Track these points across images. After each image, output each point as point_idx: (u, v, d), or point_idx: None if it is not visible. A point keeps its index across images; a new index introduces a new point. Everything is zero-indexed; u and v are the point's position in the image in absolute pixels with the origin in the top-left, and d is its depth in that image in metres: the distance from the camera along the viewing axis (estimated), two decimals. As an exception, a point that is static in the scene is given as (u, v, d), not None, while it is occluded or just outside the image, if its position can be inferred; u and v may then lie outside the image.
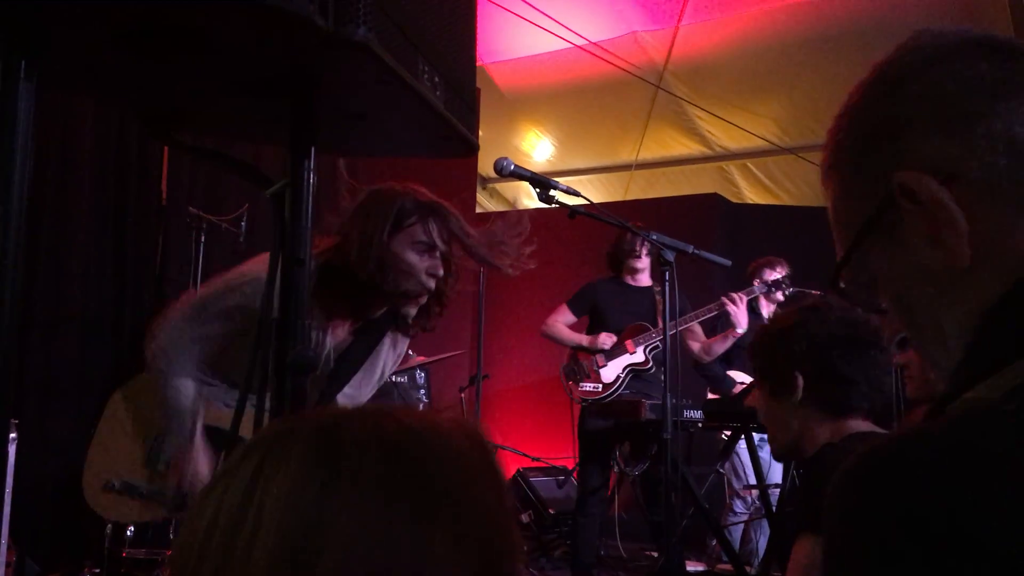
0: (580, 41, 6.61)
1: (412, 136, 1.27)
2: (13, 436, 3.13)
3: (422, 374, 5.68)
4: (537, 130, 8.46)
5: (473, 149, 1.27)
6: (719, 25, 6.56)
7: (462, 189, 7.31)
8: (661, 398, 3.32)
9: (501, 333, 7.08)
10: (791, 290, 4.91)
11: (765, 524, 4.66)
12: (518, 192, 9.36)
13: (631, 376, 4.61)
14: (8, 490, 2.99)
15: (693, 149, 8.21)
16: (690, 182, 8.38)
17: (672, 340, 4.53)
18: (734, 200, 7.89)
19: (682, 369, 5.07)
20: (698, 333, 4.79)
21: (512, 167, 2.86)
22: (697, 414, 4.13)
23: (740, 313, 4.58)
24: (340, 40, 0.90)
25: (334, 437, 0.62)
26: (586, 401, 4.61)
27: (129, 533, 3.64)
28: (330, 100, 1.09)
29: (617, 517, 5.43)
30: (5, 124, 0.87)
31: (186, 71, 0.98)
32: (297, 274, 1.10)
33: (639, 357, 4.62)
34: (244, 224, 4.42)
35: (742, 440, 4.22)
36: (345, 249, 2.09)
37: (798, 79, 6.43)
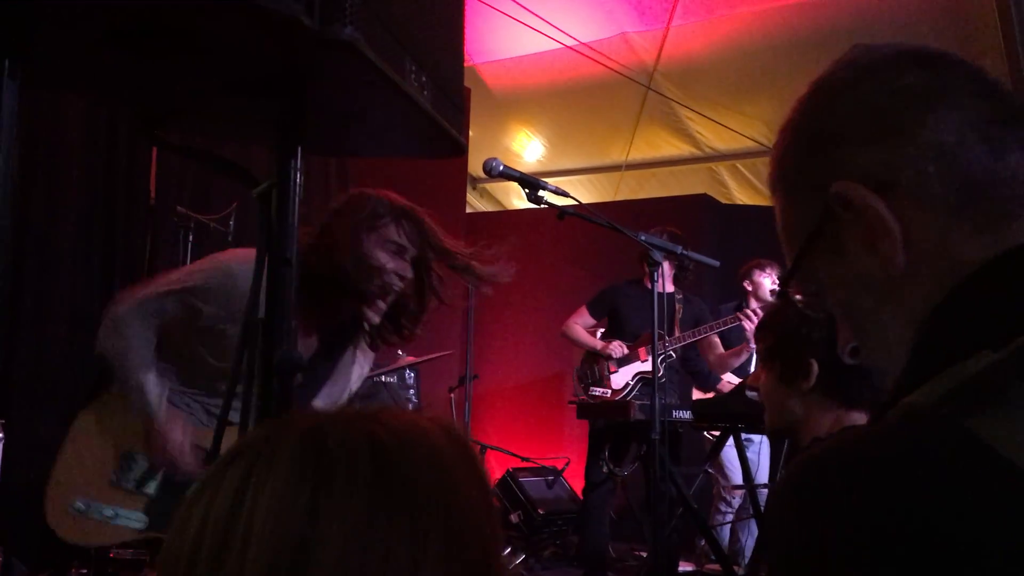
0: (570, 42, 6.62)
1: (400, 136, 1.27)
2: (0, 436, 3.12)
3: (411, 374, 5.68)
4: (527, 130, 8.46)
5: (461, 149, 1.27)
6: (709, 26, 6.58)
7: (452, 190, 7.38)
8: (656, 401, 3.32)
9: (491, 334, 7.08)
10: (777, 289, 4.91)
11: (753, 524, 4.68)
12: (509, 193, 9.36)
13: (641, 383, 4.62)
14: (-6, 490, 2.98)
15: (683, 150, 8.23)
16: (680, 183, 8.39)
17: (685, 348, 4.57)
18: (724, 201, 7.91)
19: (686, 377, 5.13)
20: (716, 344, 4.74)
21: (501, 167, 2.86)
22: (686, 415, 4.14)
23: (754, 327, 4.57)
24: (327, 40, 0.90)
25: (322, 443, 0.61)
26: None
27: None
28: (317, 100, 1.08)
29: (607, 517, 5.43)
30: (-11, 123, 0.86)
31: (173, 71, 0.98)
32: (283, 274, 1.10)
33: (650, 365, 4.61)
34: (232, 223, 4.41)
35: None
36: (315, 248, 2.10)
37: (788, 80, 6.45)
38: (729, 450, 4.63)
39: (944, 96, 0.74)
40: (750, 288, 5.09)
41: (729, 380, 5.18)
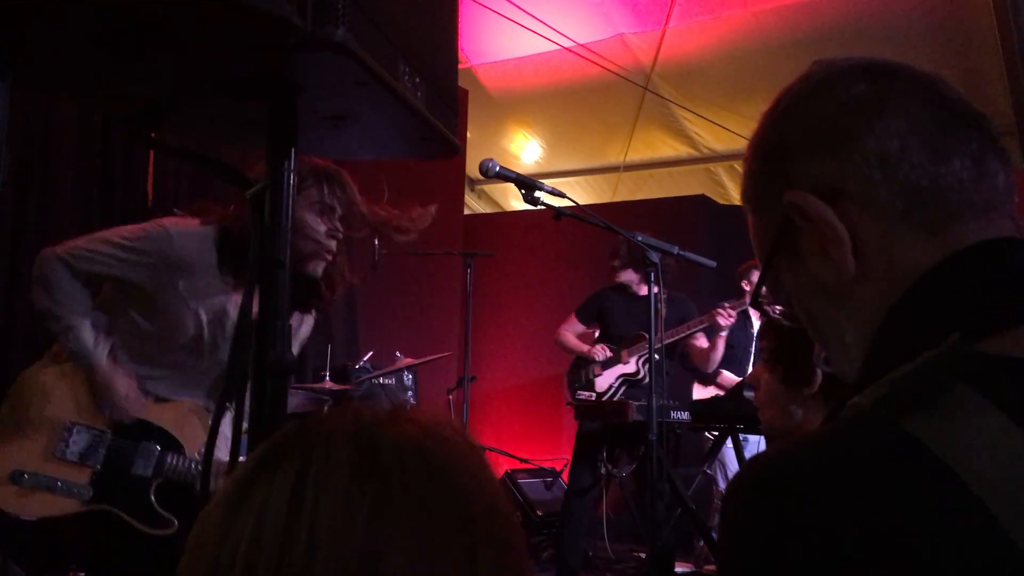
0: (568, 43, 6.62)
1: (393, 137, 1.27)
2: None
3: (409, 376, 5.67)
4: (525, 132, 8.46)
5: (455, 150, 1.27)
6: (706, 27, 6.58)
7: (450, 191, 7.38)
8: (653, 402, 3.32)
9: (488, 335, 7.08)
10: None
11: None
12: (506, 194, 9.36)
13: (624, 385, 4.69)
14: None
15: (680, 151, 8.23)
16: (677, 184, 8.40)
17: (668, 348, 4.60)
18: (721, 202, 7.91)
19: (672, 375, 5.15)
20: (699, 341, 4.78)
21: (497, 168, 2.86)
22: (684, 415, 4.14)
23: (729, 324, 4.58)
24: (318, 41, 0.90)
25: (376, 449, 0.59)
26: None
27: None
28: (309, 101, 1.08)
29: (605, 518, 5.43)
30: (-21, 125, 0.86)
31: (163, 71, 0.97)
32: (277, 276, 1.10)
33: (631, 367, 4.71)
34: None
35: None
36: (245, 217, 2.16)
37: (785, 81, 6.37)
38: (728, 451, 4.64)
39: (889, 106, 0.77)
40: (748, 288, 5.10)
41: (729, 375, 5.19)
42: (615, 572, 5.25)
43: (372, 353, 5.60)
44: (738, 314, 5.12)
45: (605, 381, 4.74)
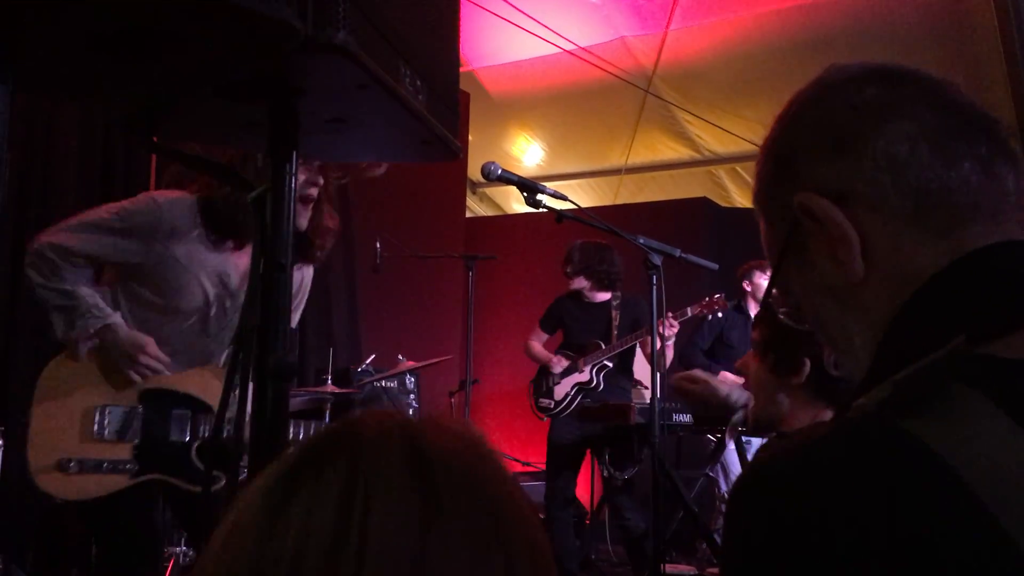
0: (569, 46, 6.62)
1: (394, 141, 1.27)
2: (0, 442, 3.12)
3: (411, 379, 5.67)
4: (527, 135, 8.46)
5: (456, 153, 1.27)
6: (707, 30, 6.58)
7: (452, 194, 7.38)
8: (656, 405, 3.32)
9: (490, 338, 7.08)
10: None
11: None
12: (508, 197, 9.36)
13: (580, 393, 4.81)
14: (-7, 496, 2.98)
15: (682, 153, 8.23)
16: (679, 186, 8.40)
17: (623, 354, 4.70)
18: (723, 204, 7.91)
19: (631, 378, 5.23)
20: (648, 343, 4.79)
21: (499, 171, 2.86)
22: (686, 418, 4.14)
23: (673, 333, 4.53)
24: (319, 44, 0.90)
25: (425, 457, 0.58)
26: (543, 416, 4.94)
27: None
28: (310, 104, 1.08)
29: (608, 521, 5.42)
30: (-20, 128, 0.86)
31: (163, 75, 0.97)
32: (278, 279, 1.10)
33: (585, 376, 4.84)
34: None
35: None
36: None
37: (786, 83, 6.38)
38: (730, 453, 4.63)
39: (898, 109, 0.77)
40: (749, 288, 5.10)
41: (729, 376, 5.18)
42: (616, 574, 5.24)
43: (374, 356, 5.60)
44: (739, 314, 5.13)
45: (562, 389, 4.88)
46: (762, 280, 5.04)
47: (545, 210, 3.06)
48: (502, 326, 7.07)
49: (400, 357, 5.40)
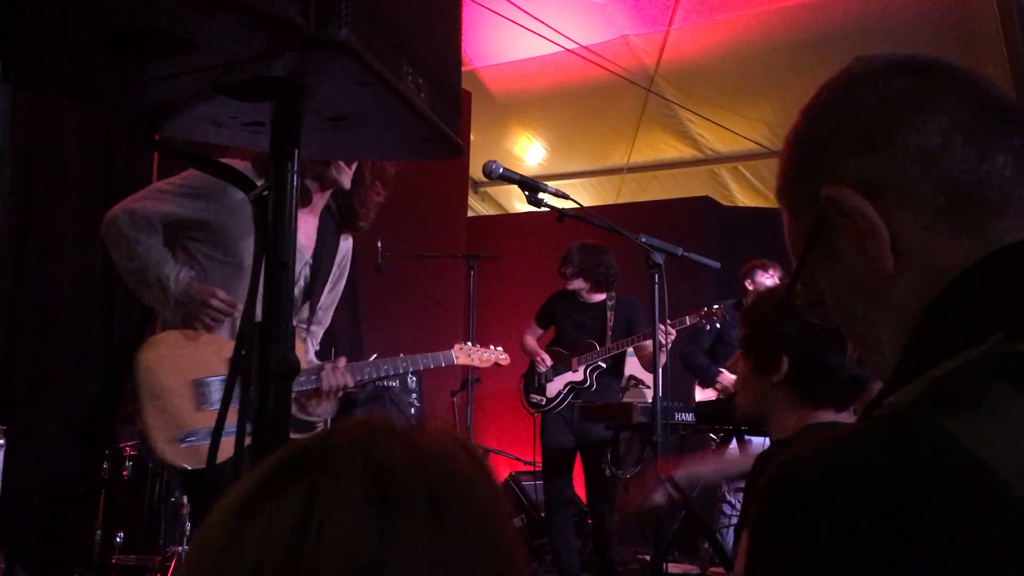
0: (571, 45, 6.62)
1: (396, 139, 1.26)
2: (1, 442, 3.11)
3: (414, 379, 5.67)
4: (529, 134, 8.46)
5: (458, 151, 1.27)
6: (710, 29, 6.58)
7: (453, 193, 7.37)
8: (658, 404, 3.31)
9: (492, 337, 7.04)
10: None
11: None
12: (510, 196, 9.36)
13: (572, 392, 4.81)
14: (-4, 496, 2.98)
15: (684, 152, 8.23)
16: (681, 185, 8.40)
17: (616, 355, 4.72)
18: (725, 203, 7.91)
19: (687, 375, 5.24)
20: (644, 346, 4.80)
21: (501, 170, 2.86)
22: (688, 417, 4.14)
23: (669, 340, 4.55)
24: (322, 42, 0.90)
25: (385, 474, 0.58)
26: (533, 411, 4.96)
27: (119, 539, 3.62)
28: (312, 103, 1.08)
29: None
30: (-18, 126, 0.86)
31: (165, 74, 0.97)
32: (280, 278, 1.09)
33: (579, 376, 4.83)
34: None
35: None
36: None
37: (788, 82, 6.45)
38: (732, 453, 4.63)
39: (930, 100, 0.75)
40: (751, 287, 5.10)
41: (729, 376, 5.18)
42: (619, 574, 5.23)
43: (376, 356, 5.60)
44: (740, 313, 5.11)
45: (555, 387, 4.87)
46: (764, 279, 5.04)
47: (547, 209, 3.06)
48: (504, 325, 7.06)
49: (401, 356, 5.39)
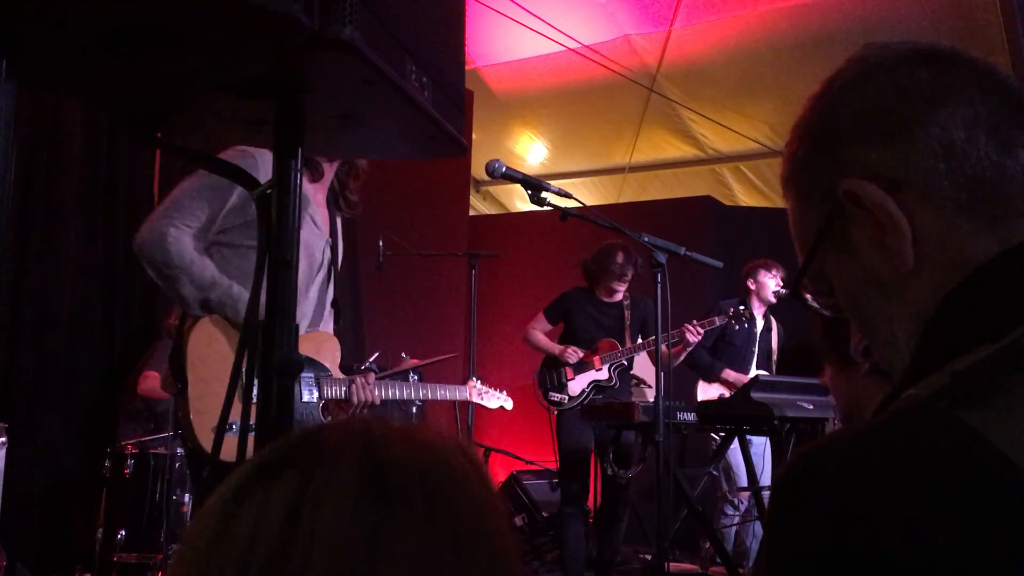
0: (573, 44, 6.61)
1: (400, 137, 1.26)
2: (3, 440, 3.12)
3: (415, 377, 5.66)
4: (531, 133, 8.45)
5: (462, 149, 1.27)
6: (712, 28, 6.57)
7: (455, 192, 7.37)
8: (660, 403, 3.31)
9: (493, 336, 7.07)
10: (783, 291, 4.95)
11: (758, 526, 4.66)
12: (511, 195, 9.35)
13: (595, 391, 4.79)
14: (-3, 494, 2.98)
15: (686, 152, 8.22)
16: (683, 185, 8.39)
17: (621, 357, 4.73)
18: (727, 203, 7.90)
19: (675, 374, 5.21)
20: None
21: (504, 169, 2.86)
22: (690, 416, 4.13)
23: (696, 341, 4.68)
24: (326, 40, 0.90)
25: (380, 469, 0.58)
26: (553, 410, 4.85)
27: (120, 537, 3.62)
28: (316, 101, 1.08)
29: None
30: (-14, 124, 0.86)
31: (170, 72, 0.97)
32: (283, 276, 1.09)
33: (604, 375, 4.81)
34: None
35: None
36: None
37: (791, 82, 6.44)
38: (734, 452, 4.63)
39: (953, 93, 0.74)
40: (753, 287, 5.10)
41: (732, 373, 5.18)
42: (621, 573, 5.24)
43: (378, 354, 5.60)
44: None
45: (578, 386, 4.82)
46: (766, 279, 5.04)
47: (549, 208, 3.06)
48: (506, 324, 7.07)
49: (403, 355, 5.40)
